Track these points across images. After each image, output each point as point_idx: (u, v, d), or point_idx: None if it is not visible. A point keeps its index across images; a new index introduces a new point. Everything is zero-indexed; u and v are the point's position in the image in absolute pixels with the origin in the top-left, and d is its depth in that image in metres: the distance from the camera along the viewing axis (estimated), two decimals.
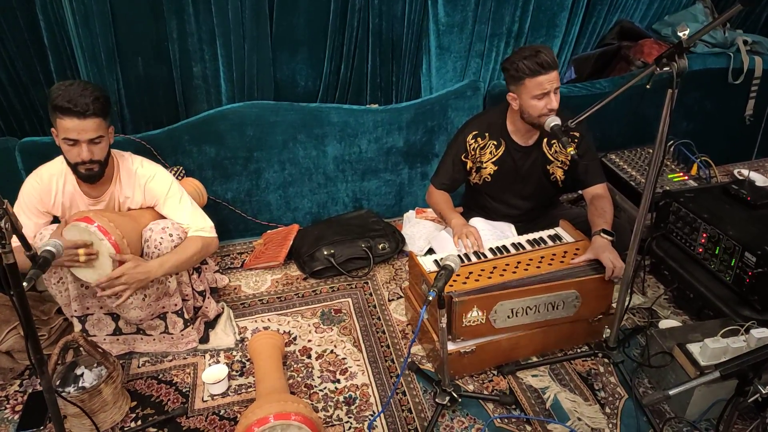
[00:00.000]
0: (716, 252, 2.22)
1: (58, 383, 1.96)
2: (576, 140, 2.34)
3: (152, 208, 2.17)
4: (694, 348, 1.90)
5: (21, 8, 2.42)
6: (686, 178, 2.83)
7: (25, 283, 1.40)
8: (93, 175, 1.98)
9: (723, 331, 1.92)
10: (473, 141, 2.40)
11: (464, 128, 2.45)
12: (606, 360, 2.17)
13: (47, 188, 2.05)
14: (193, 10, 2.54)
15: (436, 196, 2.51)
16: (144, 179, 2.12)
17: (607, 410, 1.98)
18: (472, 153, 2.41)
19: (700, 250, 2.31)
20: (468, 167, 2.46)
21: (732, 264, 2.15)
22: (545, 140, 2.37)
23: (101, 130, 1.92)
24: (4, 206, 1.31)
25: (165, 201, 2.14)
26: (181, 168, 2.69)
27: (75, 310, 2.13)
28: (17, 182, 2.32)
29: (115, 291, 1.95)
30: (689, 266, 2.37)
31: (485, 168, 2.42)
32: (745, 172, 3.23)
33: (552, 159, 2.39)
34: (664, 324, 2.26)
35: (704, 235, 2.28)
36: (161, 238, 2.05)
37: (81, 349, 2.00)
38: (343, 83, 2.92)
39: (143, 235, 2.07)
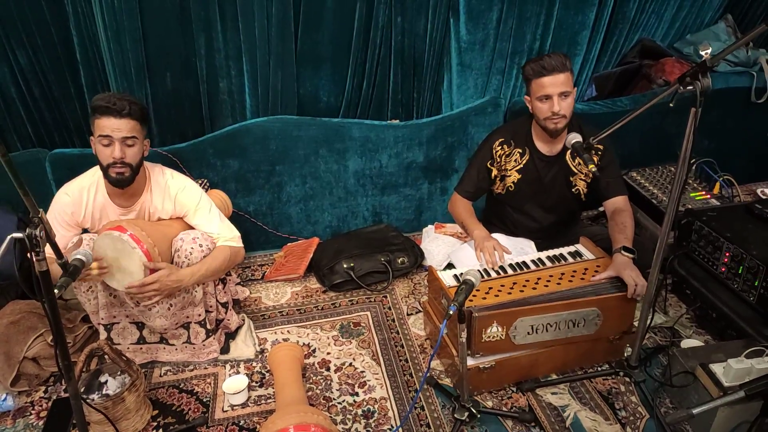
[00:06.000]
0: (739, 271, 2.20)
1: (82, 390, 2.00)
2: (599, 153, 2.36)
3: (181, 218, 2.22)
4: (717, 368, 1.88)
5: (55, 24, 2.50)
6: (708, 196, 2.81)
7: (56, 291, 1.44)
8: (123, 180, 2.01)
9: (747, 351, 1.89)
10: (499, 148, 2.42)
11: (491, 136, 2.48)
12: (627, 379, 2.15)
13: (78, 201, 2.10)
14: (221, 28, 2.61)
15: (459, 204, 2.52)
16: (175, 191, 2.17)
17: (628, 430, 1.96)
18: (498, 160, 2.43)
19: (723, 269, 2.28)
20: (493, 175, 2.47)
21: (756, 284, 2.12)
22: (569, 151, 2.38)
23: (135, 132, 1.99)
24: (39, 215, 1.35)
25: (195, 212, 2.19)
26: (205, 181, 2.74)
27: (102, 318, 2.18)
28: (47, 192, 2.39)
29: (145, 296, 2.00)
30: (712, 285, 2.34)
31: (509, 176, 2.43)
32: None
33: (575, 171, 2.40)
34: (686, 343, 2.24)
35: (727, 254, 2.25)
36: (191, 248, 2.09)
37: (105, 356, 2.03)
38: (365, 99, 2.97)
39: (174, 244, 2.11)
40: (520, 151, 2.41)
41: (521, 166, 2.41)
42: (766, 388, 1.27)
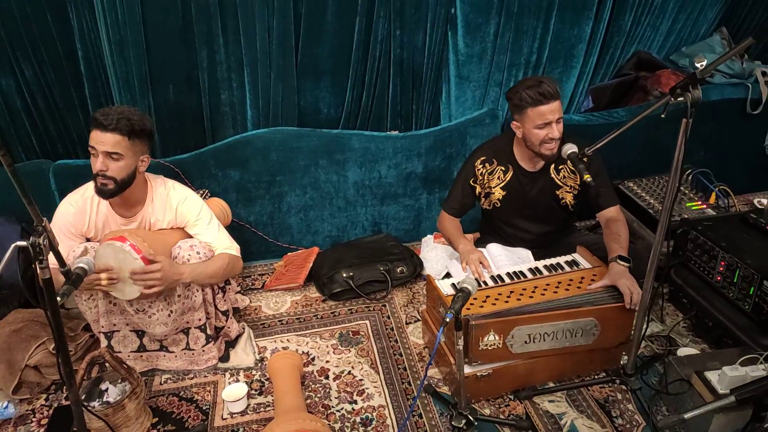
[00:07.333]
0: (735, 280, 2.21)
1: (83, 398, 2.01)
2: (584, 163, 2.38)
3: (181, 228, 2.25)
4: (712, 376, 1.89)
5: (61, 38, 2.55)
6: (705, 206, 2.83)
7: (58, 298, 1.46)
8: (105, 192, 2.03)
9: (742, 359, 1.91)
10: (481, 166, 2.45)
11: (473, 154, 2.51)
12: (624, 387, 2.17)
13: (81, 211, 2.13)
14: (223, 41, 2.66)
15: (446, 222, 2.56)
16: (176, 202, 2.20)
17: None
18: (481, 178, 2.46)
19: (719, 278, 2.30)
20: (477, 192, 2.50)
21: (751, 292, 2.14)
22: (552, 166, 2.41)
23: (120, 147, 1.98)
24: (43, 224, 1.38)
25: (195, 223, 2.22)
26: (206, 191, 2.77)
27: (102, 326, 2.20)
28: (50, 203, 2.42)
29: (148, 283, 1.99)
30: (708, 294, 2.36)
31: (494, 193, 2.46)
32: (765, 201, 3.22)
33: (561, 184, 2.43)
34: (682, 352, 2.25)
35: (722, 263, 2.28)
36: (189, 254, 2.12)
37: (106, 364, 2.05)
38: (365, 110, 3.01)
39: (172, 252, 2.14)
40: (503, 168, 2.43)
41: (505, 183, 2.44)
42: (756, 393, 1.28)
